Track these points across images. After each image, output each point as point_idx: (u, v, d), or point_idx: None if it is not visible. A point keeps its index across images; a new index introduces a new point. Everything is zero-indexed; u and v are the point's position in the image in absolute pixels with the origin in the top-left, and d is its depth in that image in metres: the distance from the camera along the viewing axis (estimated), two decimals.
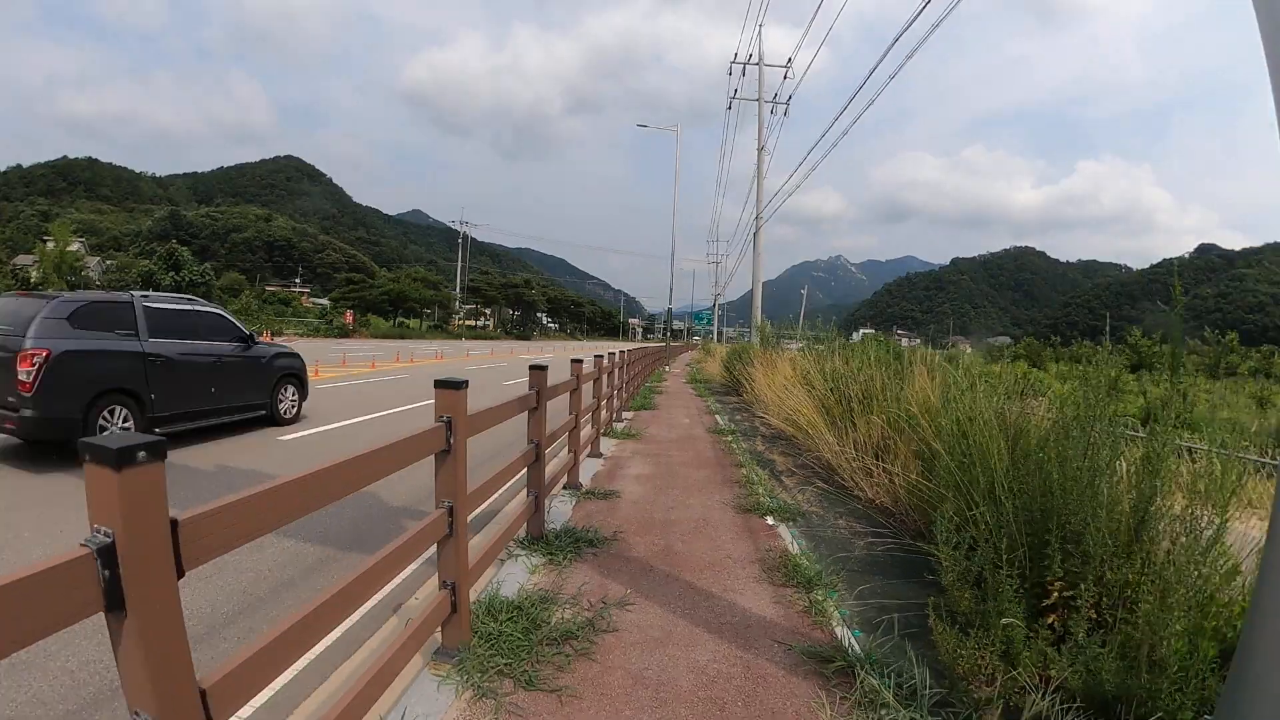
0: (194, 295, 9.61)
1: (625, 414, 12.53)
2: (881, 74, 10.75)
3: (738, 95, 26.68)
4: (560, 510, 5.75)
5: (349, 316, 54.73)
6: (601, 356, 8.54)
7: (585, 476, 7.05)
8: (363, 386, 15.81)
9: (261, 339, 9.45)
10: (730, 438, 10.05)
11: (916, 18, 9.33)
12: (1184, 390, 4.00)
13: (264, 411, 8.97)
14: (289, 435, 8.71)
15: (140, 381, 7.01)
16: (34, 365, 6.10)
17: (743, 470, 7.57)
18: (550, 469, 5.73)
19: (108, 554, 1.20)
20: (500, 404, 3.69)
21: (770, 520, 5.64)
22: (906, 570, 4.52)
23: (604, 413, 9.87)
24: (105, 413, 6.66)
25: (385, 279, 72.23)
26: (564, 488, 6.45)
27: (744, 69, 26.68)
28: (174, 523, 1.33)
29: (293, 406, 9.58)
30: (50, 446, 6.81)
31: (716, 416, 12.89)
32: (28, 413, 6.11)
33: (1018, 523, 3.91)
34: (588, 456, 8.06)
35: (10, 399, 6.19)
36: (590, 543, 4.85)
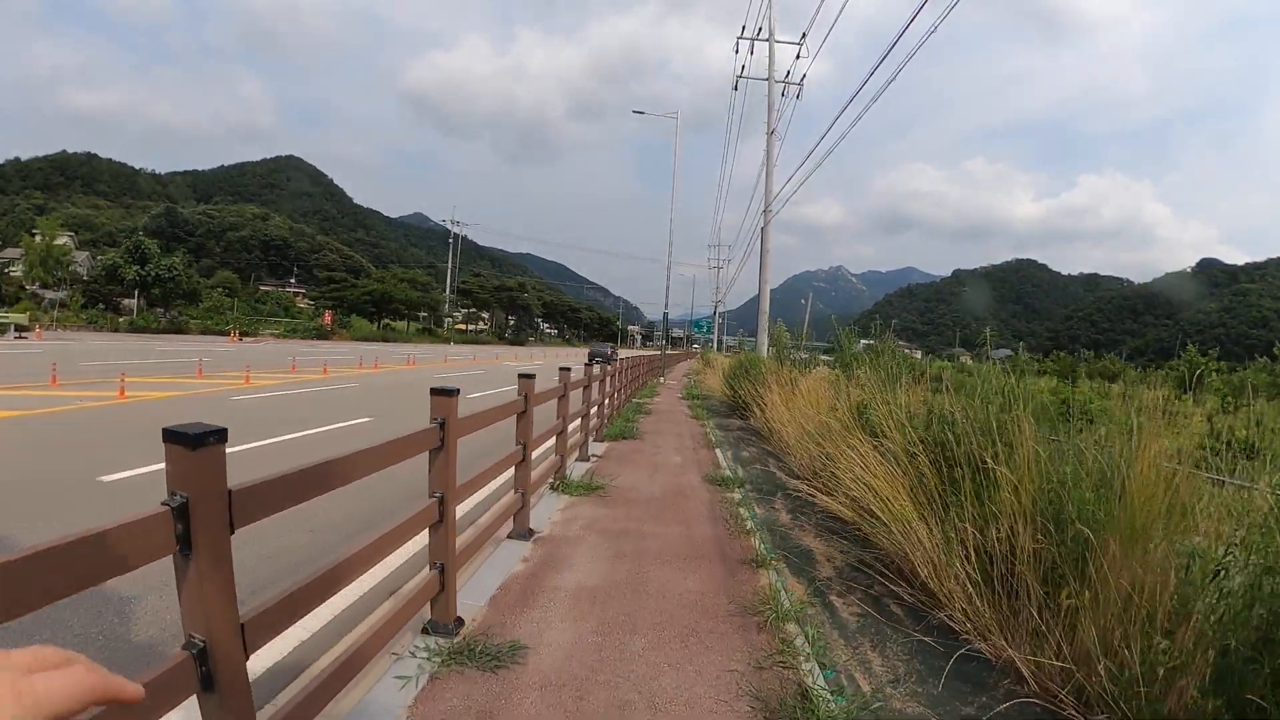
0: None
1: (597, 446, 9.43)
2: (883, 78, 9.97)
3: (745, 74, 23.67)
4: (377, 712, 2.63)
5: (328, 317, 51.47)
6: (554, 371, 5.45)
7: (484, 591, 3.95)
8: (273, 400, 12.69)
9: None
10: (738, 494, 6.93)
11: (912, 21, 8.17)
12: None
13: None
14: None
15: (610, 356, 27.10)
16: (613, 355, 28.50)
17: (764, 577, 4.45)
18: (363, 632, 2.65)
19: None
20: None
21: None
22: None
23: (555, 457, 6.78)
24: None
25: (369, 279, 68.77)
26: (426, 629, 3.34)
27: (752, 46, 23.69)
28: None
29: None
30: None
31: (717, 452, 9.77)
32: (611, 361, 13.90)
33: None
34: (510, 538, 4.96)
35: (610, 360, 14.27)
36: None
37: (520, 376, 4.76)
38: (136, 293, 47.14)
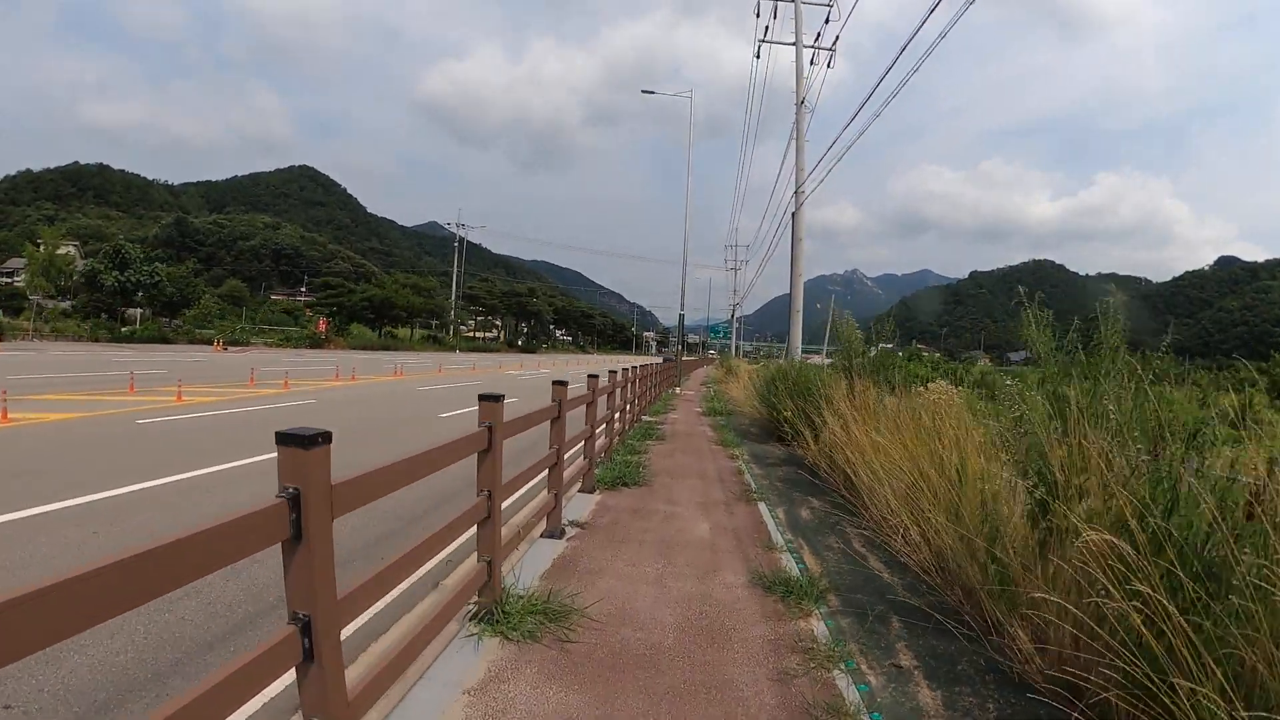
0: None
1: (582, 502, 6.33)
2: (898, 76, 10.16)
3: (768, 37, 20.58)
4: None
5: (322, 325, 48.70)
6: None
7: None
8: (187, 424, 9.68)
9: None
10: (818, 624, 3.80)
11: (929, 15, 8.30)
12: None
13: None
14: None
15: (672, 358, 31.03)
16: (673, 358, 30.86)
17: None
18: None
19: None
20: None
21: None
22: None
23: (480, 563, 3.70)
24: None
25: (369, 284, 65.84)
26: None
27: (775, 7, 20.59)
28: None
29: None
30: None
31: (762, 509, 6.60)
32: (670, 362, 27.75)
33: None
34: None
35: (667, 363, 26.66)
36: None
37: (278, 441, 1.68)
38: (143, 301, 44.76)
